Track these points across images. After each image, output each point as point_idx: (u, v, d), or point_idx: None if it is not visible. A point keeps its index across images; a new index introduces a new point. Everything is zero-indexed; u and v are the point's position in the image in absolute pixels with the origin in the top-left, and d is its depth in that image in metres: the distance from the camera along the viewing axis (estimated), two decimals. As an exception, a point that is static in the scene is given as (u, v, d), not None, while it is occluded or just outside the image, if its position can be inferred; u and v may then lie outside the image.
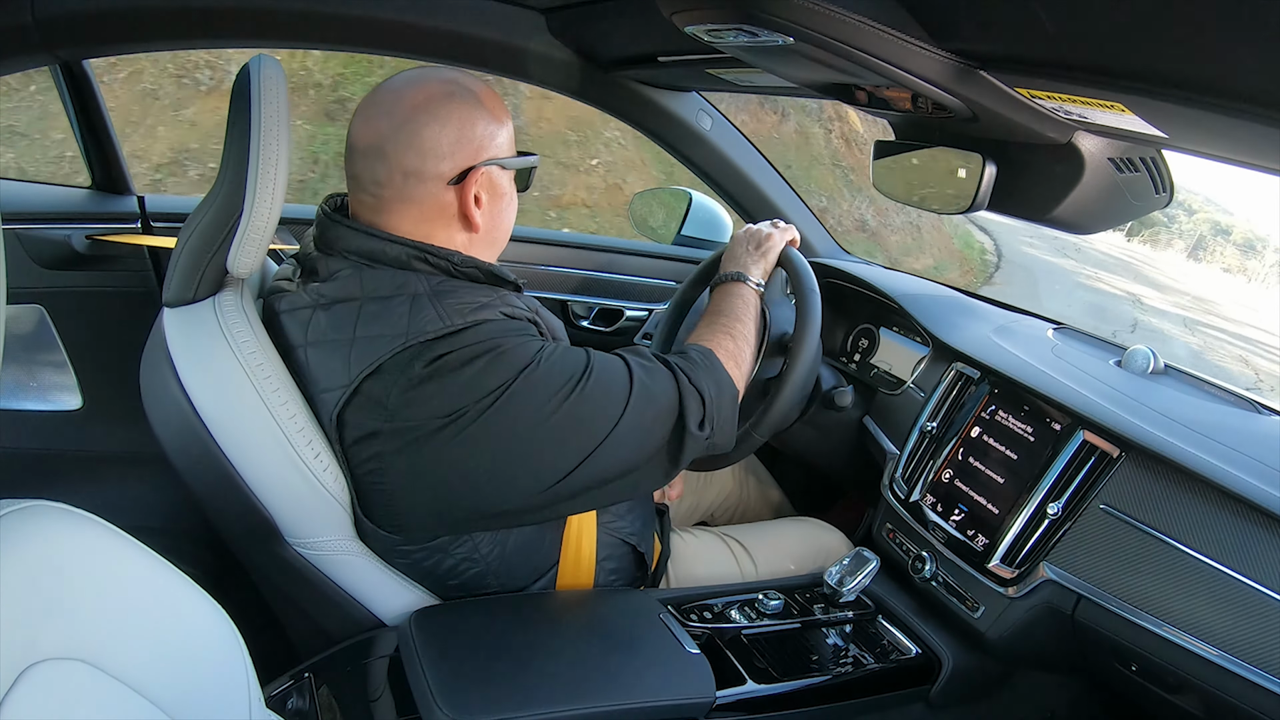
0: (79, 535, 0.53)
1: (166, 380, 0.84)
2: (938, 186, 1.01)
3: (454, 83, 0.86)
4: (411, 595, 0.90)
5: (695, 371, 0.90)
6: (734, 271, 1.10)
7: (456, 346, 0.78)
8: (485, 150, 0.86)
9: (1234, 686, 0.81)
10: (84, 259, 1.35)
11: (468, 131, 0.85)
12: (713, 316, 1.03)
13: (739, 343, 1.00)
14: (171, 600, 0.58)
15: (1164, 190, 0.91)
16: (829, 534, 1.23)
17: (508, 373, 0.79)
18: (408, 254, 0.84)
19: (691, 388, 0.88)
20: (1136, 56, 0.62)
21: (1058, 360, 1.13)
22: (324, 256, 0.87)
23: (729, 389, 0.93)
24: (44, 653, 0.47)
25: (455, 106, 0.85)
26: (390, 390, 0.78)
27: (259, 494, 0.83)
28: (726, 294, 1.07)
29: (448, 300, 0.81)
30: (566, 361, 0.83)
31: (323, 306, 0.84)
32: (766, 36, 0.81)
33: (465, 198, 0.86)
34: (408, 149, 0.83)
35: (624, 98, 1.43)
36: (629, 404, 0.84)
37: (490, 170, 0.87)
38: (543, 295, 1.64)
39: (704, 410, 0.89)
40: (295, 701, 0.84)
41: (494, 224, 0.91)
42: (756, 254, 1.12)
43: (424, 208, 0.85)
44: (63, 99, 1.32)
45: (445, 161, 0.84)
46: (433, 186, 0.85)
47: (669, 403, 0.87)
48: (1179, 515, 0.87)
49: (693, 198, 1.60)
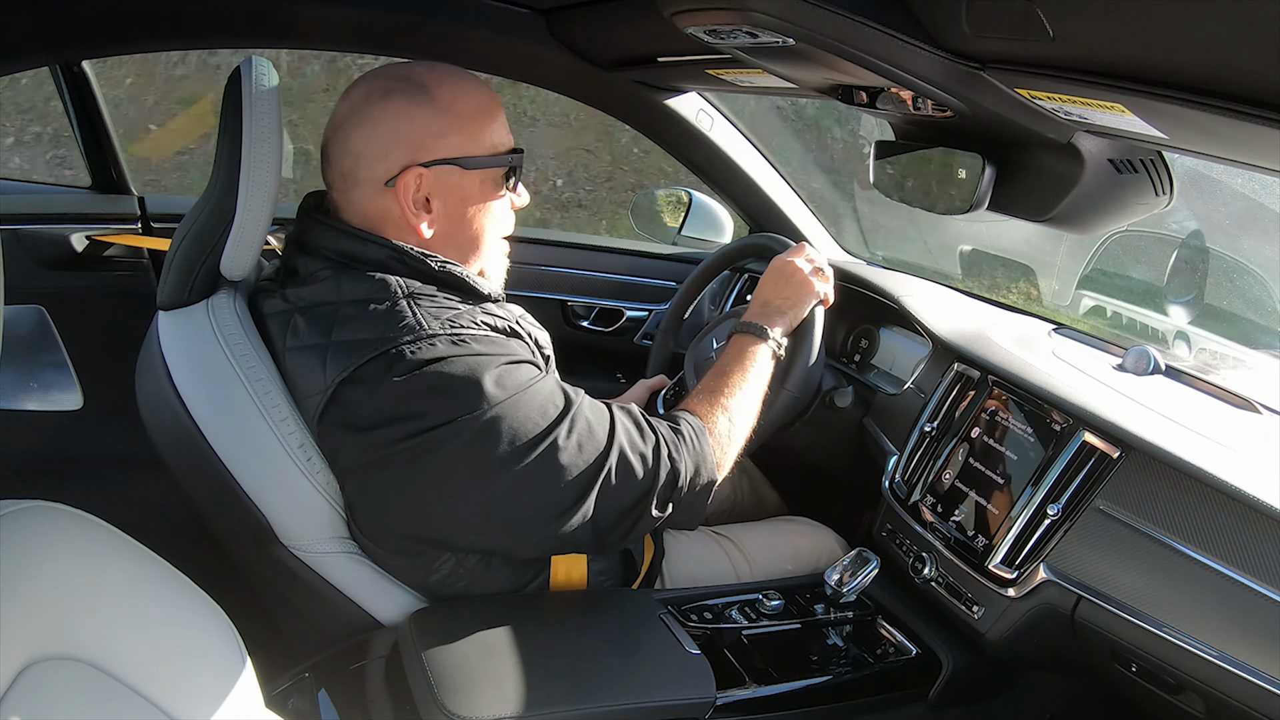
0: (79, 535, 0.53)
1: (161, 383, 0.84)
2: (938, 187, 1.01)
3: (400, 79, 0.82)
4: (408, 598, 0.90)
5: (679, 450, 0.86)
6: (758, 325, 1.03)
7: (431, 356, 0.76)
8: (427, 150, 0.81)
9: (1234, 686, 0.81)
10: (84, 259, 1.35)
11: (404, 130, 0.81)
12: (723, 378, 0.97)
13: (737, 421, 0.95)
14: (171, 600, 0.58)
15: (1164, 192, 0.91)
16: (823, 534, 1.23)
17: (477, 402, 0.76)
18: (387, 255, 0.82)
19: (670, 468, 0.85)
20: (1136, 56, 0.62)
21: (1058, 360, 1.13)
22: (303, 256, 0.86)
23: (707, 474, 0.89)
24: (44, 652, 0.47)
25: (391, 105, 0.81)
26: (361, 401, 0.78)
27: (253, 496, 0.83)
28: (743, 352, 1.00)
29: (424, 305, 0.79)
30: (544, 404, 0.80)
31: (300, 310, 0.83)
32: (767, 37, 0.81)
33: (403, 200, 0.82)
34: (343, 152, 0.82)
35: (624, 98, 1.43)
36: (603, 469, 0.81)
37: (441, 170, 0.82)
38: (543, 295, 1.64)
39: (672, 493, 0.86)
40: (295, 701, 0.84)
41: (455, 229, 0.86)
42: (788, 303, 1.07)
43: (368, 209, 0.83)
44: (63, 99, 1.32)
45: (379, 164, 0.81)
46: (369, 189, 0.82)
47: (645, 485, 0.83)
48: (1179, 516, 0.87)
49: (693, 197, 1.60)
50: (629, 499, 0.83)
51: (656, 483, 0.84)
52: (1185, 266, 1.53)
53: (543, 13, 1.22)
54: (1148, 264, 1.68)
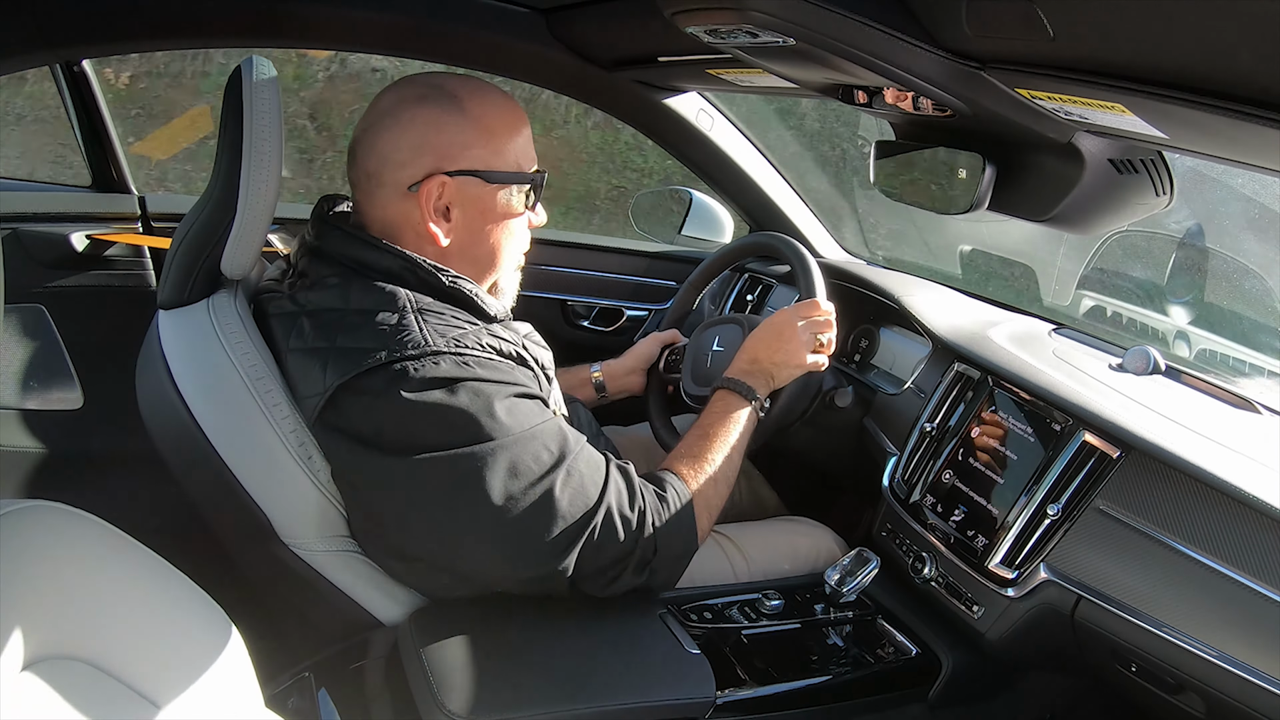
0: (79, 535, 0.53)
1: (161, 382, 0.84)
2: (938, 187, 1.01)
3: (433, 87, 0.83)
4: (408, 597, 0.90)
5: (663, 519, 0.87)
6: (745, 385, 1.03)
7: (434, 376, 0.76)
8: (453, 159, 0.82)
9: (1234, 686, 0.81)
10: (84, 258, 1.35)
11: (432, 138, 0.82)
12: (706, 440, 0.98)
13: (720, 483, 0.95)
14: (171, 600, 0.58)
15: (1164, 192, 0.91)
16: (820, 532, 1.23)
17: (475, 434, 0.76)
18: (399, 265, 0.82)
19: (651, 536, 0.85)
20: (1136, 56, 0.62)
21: (1058, 360, 1.13)
22: (314, 260, 0.86)
23: (686, 544, 0.90)
24: (44, 652, 0.47)
25: (422, 111, 0.82)
26: (359, 413, 0.78)
27: (253, 494, 0.83)
28: (727, 412, 1.01)
29: (432, 321, 0.79)
30: (540, 449, 0.79)
31: (308, 313, 0.83)
32: (767, 37, 0.81)
33: (425, 207, 0.82)
34: (370, 152, 0.83)
35: (624, 98, 1.43)
36: (588, 526, 0.81)
37: (464, 181, 0.83)
38: (543, 295, 1.64)
39: (652, 558, 0.86)
40: (295, 701, 0.84)
41: (472, 241, 0.86)
42: (777, 368, 1.06)
43: (387, 212, 0.84)
44: (63, 98, 1.32)
45: (405, 169, 0.82)
46: (391, 192, 0.83)
47: (624, 548, 0.83)
48: (1178, 516, 0.87)
49: (693, 197, 1.60)
50: (606, 559, 0.83)
51: (636, 547, 0.84)
52: (1185, 266, 1.53)
53: (543, 12, 1.22)
54: (1148, 264, 1.68)
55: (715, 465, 0.95)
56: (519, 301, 0.97)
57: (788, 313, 1.09)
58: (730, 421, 1.00)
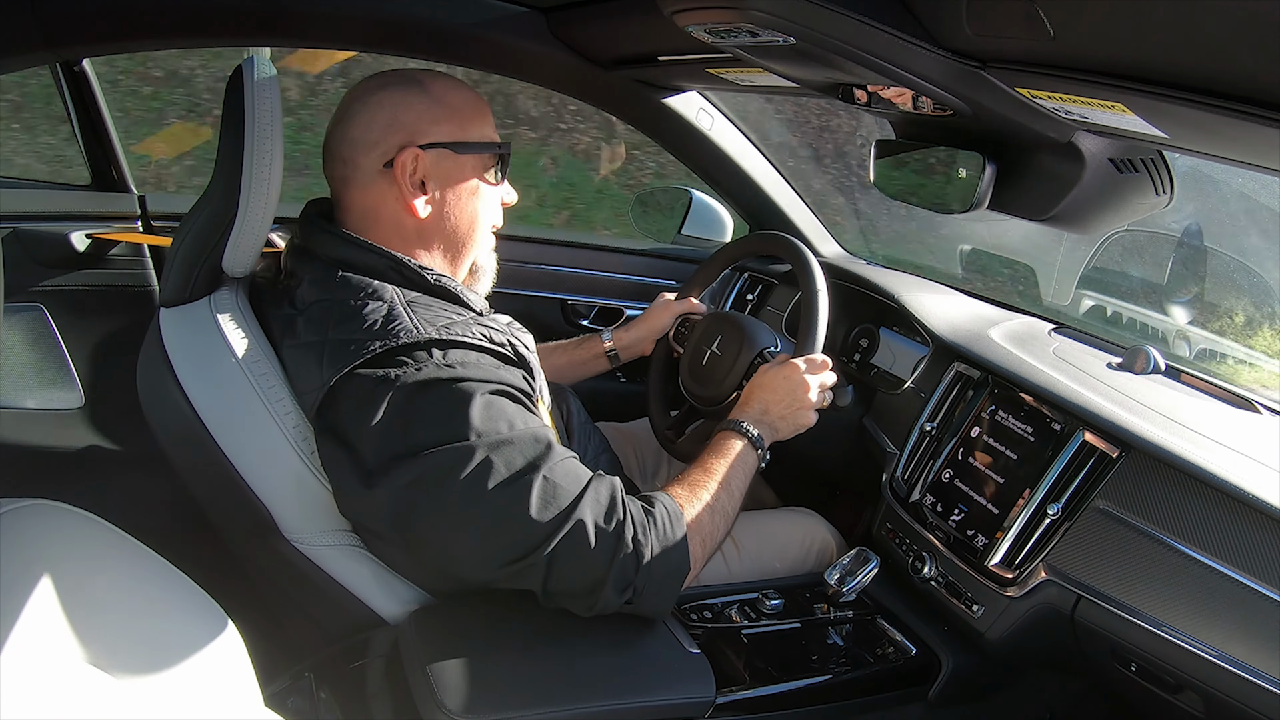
0: (79, 535, 0.53)
1: (164, 380, 0.84)
2: (938, 186, 1.01)
3: (396, 73, 0.88)
4: (410, 593, 0.90)
5: (647, 534, 0.83)
6: (753, 433, 1.01)
7: (425, 377, 0.77)
8: (424, 133, 0.86)
9: (1233, 686, 0.81)
10: (84, 258, 1.35)
11: (401, 115, 0.85)
12: (707, 475, 0.95)
13: (718, 518, 0.92)
14: (171, 599, 0.58)
15: (1164, 191, 0.91)
16: (817, 523, 1.23)
17: (461, 432, 0.77)
18: (385, 265, 0.85)
19: (632, 550, 0.81)
20: (1137, 56, 0.62)
21: (1058, 360, 1.13)
22: (302, 260, 0.88)
23: (678, 560, 0.85)
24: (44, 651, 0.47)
25: (389, 94, 0.86)
26: (352, 407, 0.78)
27: (257, 490, 0.83)
28: (732, 454, 0.98)
29: (421, 312, 0.81)
30: (515, 454, 0.78)
31: (300, 311, 0.84)
32: (767, 36, 0.81)
33: (401, 180, 0.85)
34: (343, 140, 0.87)
35: (624, 97, 1.43)
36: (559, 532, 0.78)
37: (436, 154, 0.86)
38: (543, 295, 1.64)
39: (635, 576, 0.82)
40: (295, 701, 0.84)
41: (448, 213, 0.89)
42: (783, 422, 1.05)
43: (366, 194, 0.87)
44: (63, 98, 1.32)
45: (377, 148, 0.85)
46: (366, 174, 0.86)
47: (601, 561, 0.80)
48: (1178, 515, 0.87)
49: (693, 197, 1.60)
50: (579, 571, 0.80)
51: (613, 563, 0.80)
52: (1185, 266, 1.53)
53: (543, 11, 1.22)
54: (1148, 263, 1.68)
55: (713, 495, 0.93)
56: (520, 301, 0.98)
57: (801, 371, 1.07)
58: (734, 463, 0.98)
